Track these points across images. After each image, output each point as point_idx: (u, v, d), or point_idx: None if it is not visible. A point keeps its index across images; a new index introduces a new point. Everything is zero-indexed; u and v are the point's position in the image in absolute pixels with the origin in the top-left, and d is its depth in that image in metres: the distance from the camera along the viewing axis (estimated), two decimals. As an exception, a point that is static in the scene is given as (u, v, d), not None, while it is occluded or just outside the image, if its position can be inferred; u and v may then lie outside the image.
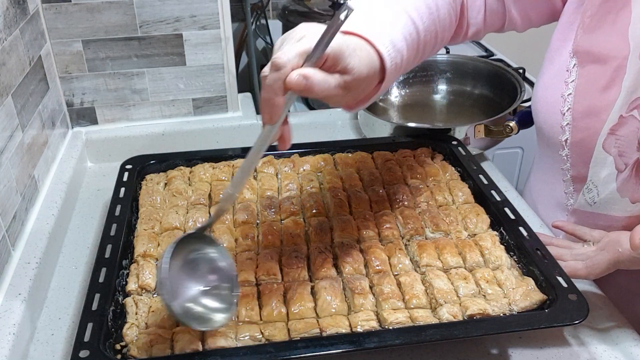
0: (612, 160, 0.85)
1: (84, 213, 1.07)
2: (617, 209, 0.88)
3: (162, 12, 1.14)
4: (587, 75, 0.86)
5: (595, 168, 0.87)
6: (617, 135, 0.83)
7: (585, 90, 0.86)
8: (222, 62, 1.22)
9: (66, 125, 1.20)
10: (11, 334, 0.76)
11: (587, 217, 0.91)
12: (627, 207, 0.86)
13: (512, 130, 1.11)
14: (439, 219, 0.89)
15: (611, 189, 0.86)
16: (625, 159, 0.84)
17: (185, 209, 0.92)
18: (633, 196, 0.85)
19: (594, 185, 0.88)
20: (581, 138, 0.87)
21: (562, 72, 0.89)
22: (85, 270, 0.94)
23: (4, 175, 0.86)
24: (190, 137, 1.23)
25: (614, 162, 0.85)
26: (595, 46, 0.85)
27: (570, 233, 0.90)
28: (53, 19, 1.11)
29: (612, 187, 0.86)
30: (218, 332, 0.70)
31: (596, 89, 0.85)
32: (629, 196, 0.86)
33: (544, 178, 1.02)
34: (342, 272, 0.80)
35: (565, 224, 0.92)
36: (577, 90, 0.87)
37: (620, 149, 0.84)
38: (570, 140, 0.89)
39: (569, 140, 0.89)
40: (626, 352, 0.79)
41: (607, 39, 0.84)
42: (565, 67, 0.89)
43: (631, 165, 0.84)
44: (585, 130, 0.86)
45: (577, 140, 0.88)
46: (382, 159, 1.03)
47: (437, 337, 0.69)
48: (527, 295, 0.75)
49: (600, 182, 0.88)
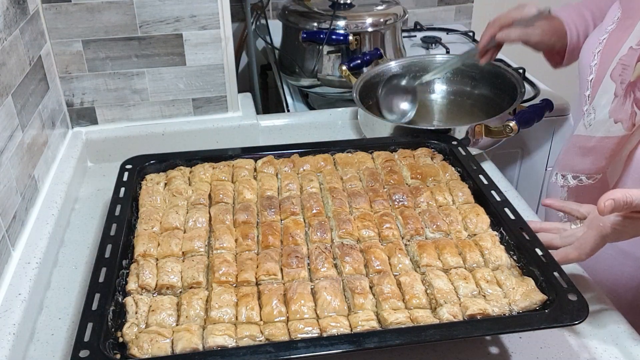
0: (614, 88, 0.91)
1: (84, 213, 1.07)
2: (603, 130, 0.93)
3: (162, 12, 1.14)
4: (622, 22, 0.94)
5: (600, 94, 0.93)
6: (624, 65, 0.89)
7: (615, 34, 0.94)
8: (222, 62, 1.22)
9: (66, 125, 1.20)
10: (11, 334, 0.76)
11: (580, 141, 0.98)
12: (610, 127, 0.92)
13: (512, 130, 1.11)
14: (439, 219, 0.89)
15: (605, 112, 0.92)
16: (624, 86, 0.90)
17: (185, 209, 0.92)
18: (617, 116, 0.90)
19: (593, 110, 0.94)
20: (601, 75, 0.94)
21: (608, 23, 0.97)
22: (85, 270, 0.94)
23: (4, 175, 0.86)
24: (190, 137, 1.23)
25: (614, 89, 0.91)
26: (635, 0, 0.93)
27: (558, 209, 0.93)
28: (53, 19, 1.11)
29: (606, 110, 0.92)
30: (218, 332, 0.70)
31: (622, 30, 0.92)
32: (614, 116, 0.91)
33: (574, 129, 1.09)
34: (342, 272, 0.80)
35: (553, 202, 0.94)
36: (610, 34, 0.95)
37: (623, 77, 0.89)
38: (594, 79, 0.96)
39: (593, 80, 0.96)
40: (626, 352, 0.79)
41: None
42: (612, 20, 0.97)
43: (625, 88, 0.89)
44: (605, 67, 0.93)
45: (598, 78, 0.95)
46: (382, 159, 1.03)
47: (437, 337, 0.69)
48: (527, 296, 0.75)
49: (599, 107, 0.93)
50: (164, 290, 0.78)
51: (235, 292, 0.77)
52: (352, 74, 1.35)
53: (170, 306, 0.75)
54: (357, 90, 1.26)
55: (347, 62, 1.39)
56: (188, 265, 0.81)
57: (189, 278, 0.79)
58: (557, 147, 1.61)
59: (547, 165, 1.64)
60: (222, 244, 0.84)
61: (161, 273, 0.79)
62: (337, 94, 1.57)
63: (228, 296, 0.75)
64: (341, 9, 1.51)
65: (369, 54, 1.44)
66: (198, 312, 0.74)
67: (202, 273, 0.79)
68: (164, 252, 0.83)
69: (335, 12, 1.48)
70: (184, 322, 0.73)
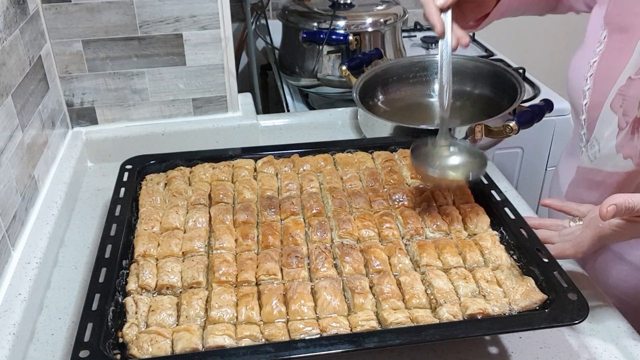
0: (616, 120, 0.88)
1: (84, 213, 1.07)
2: (611, 165, 0.90)
3: (162, 12, 1.14)
4: (612, 44, 0.90)
5: (601, 126, 0.90)
6: (625, 96, 0.86)
7: (607, 57, 0.91)
8: (222, 62, 1.22)
9: (66, 125, 1.20)
10: (11, 334, 0.76)
11: (587, 174, 0.95)
12: (619, 162, 0.89)
13: (512, 130, 1.11)
14: (439, 219, 0.89)
15: (611, 146, 0.89)
16: (628, 118, 0.87)
17: (185, 209, 0.92)
18: (626, 152, 0.88)
19: (597, 142, 0.92)
20: (597, 102, 0.91)
21: (594, 43, 0.94)
22: (85, 270, 0.94)
23: (4, 175, 0.86)
24: (190, 137, 1.23)
25: (617, 121, 0.88)
26: (621, 16, 0.89)
27: (558, 209, 0.92)
28: (53, 19, 1.11)
29: (612, 144, 0.89)
30: (218, 332, 0.70)
31: (616, 55, 0.89)
32: (623, 152, 0.88)
33: (570, 149, 1.07)
34: (342, 272, 0.80)
35: (553, 202, 0.94)
36: (601, 57, 0.92)
37: (625, 109, 0.87)
38: (588, 104, 0.93)
39: (587, 104, 0.93)
40: (626, 352, 0.79)
41: (631, 9, 0.87)
42: (598, 39, 0.93)
43: (631, 122, 0.86)
44: (602, 94, 0.90)
45: (593, 104, 0.92)
46: (382, 159, 1.03)
47: (437, 337, 0.69)
48: (527, 295, 0.74)
49: (603, 140, 0.91)
50: (164, 290, 0.78)
51: (235, 292, 0.77)
52: (352, 74, 1.35)
53: (170, 306, 0.75)
54: (357, 90, 1.26)
55: (347, 62, 1.39)
56: (188, 265, 0.81)
57: (189, 278, 0.79)
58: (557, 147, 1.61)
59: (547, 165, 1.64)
60: (222, 244, 0.84)
61: (161, 273, 0.79)
62: (337, 94, 1.57)
63: (228, 296, 0.75)
64: (341, 9, 1.51)
65: (369, 54, 1.44)
66: (198, 312, 0.74)
67: (202, 273, 0.79)
68: (164, 252, 0.83)
69: (335, 12, 1.48)
70: (183, 322, 0.73)
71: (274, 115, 1.41)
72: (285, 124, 1.35)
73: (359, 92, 1.26)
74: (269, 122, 1.34)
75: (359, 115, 1.29)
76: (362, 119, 1.27)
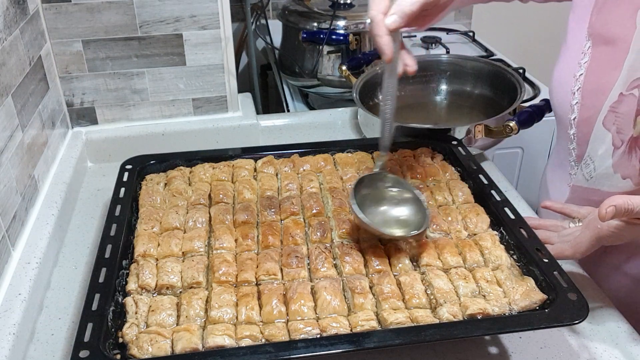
0: (610, 137, 0.86)
1: (84, 213, 1.07)
2: (609, 185, 0.89)
3: (162, 12, 1.14)
4: (598, 56, 0.89)
5: (594, 144, 0.89)
6: (617, 113, 0.85)
7: (594, 70, 0.89)
8: (222, 62, 1.22)
9: (66, 125, 1.20)
10: (11, 334, 0.76)
11: (583, 193, 0.93)
12: (618, 183, 0.88)
13: (512, 130, 1.11)
14: (439, 219, 0.89)
15: (607, 165, 0.88)
16: (622, 136, 0.86)
17: (185, 209, 0.92)
18: (624, 172, 0.87)
19: (592, 161, 0.90)
20: (587, 116, 0.89)
21: (577, 54, 0.92)
22: (85, 270, 0.94)
23: (4, 175, 0.86)
24: (190, 137, 1.23)
25: (612, 139, 0.87)
26: (606, 27, 0.87)
27: (558, 212, 0.92)
28: (53, 19, 1.11)
29: (608, 163, 0.88)
30: (218, 332, 0.70)
31: (604, 69, 0.87)
32: (621, 172, 0.87)
33: (556, 161, 1.05)
34: (342, 272, 0.80)
35: (553, 204, 0.94)
36: (587, 70, 0.89)
37: (619, 126, 0.85)
38: (577, 118, 0.91)
39: (576, 119, 0.91)
40: (626, 352, 0.79)
41: (617, 21, 0.86)
42: (580, 50, 0.91)
43: (627, 141, 0.85)
44: (592, 108, 0.89)
45: (583, 119, 0.90)
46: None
47: (437, 337, 0.69)
48: (527, 295, 0.74)
49: (597, 158, 0.89)
50: (163, 290, 0.78)
51: (235, 292, 0.77)
52: (352, 74, 1.35)
53: (170, 306, 0.75)
54: (357, 90, 1.26)
55: (347, 62, 1.39)
56: (188, 265, 0.81)
57: (188, 278, 0.79)
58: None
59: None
60: (222, 244, 0.84)
61: (161, 273, 0.79)
62: (337, 94, 1.57)
63: (228, 296, 0.75)
64: (341, 9, 1.51)
65: (369, 54, 1.44)
66: (198, 312, 0.74)
67: (202, 273, 0.79)
68: (164, 252, 0.83)
69: (335, 12, 1.48)
70: (183, 322, 0.73)
71: (274, 115, 1.41)
72: (285, 124, 1.35)
73: (359, 92, 1.26)
74: (269, 122, 1.34)
75: (359, 115, 1.29)
76: (362, 119, 1.27)
